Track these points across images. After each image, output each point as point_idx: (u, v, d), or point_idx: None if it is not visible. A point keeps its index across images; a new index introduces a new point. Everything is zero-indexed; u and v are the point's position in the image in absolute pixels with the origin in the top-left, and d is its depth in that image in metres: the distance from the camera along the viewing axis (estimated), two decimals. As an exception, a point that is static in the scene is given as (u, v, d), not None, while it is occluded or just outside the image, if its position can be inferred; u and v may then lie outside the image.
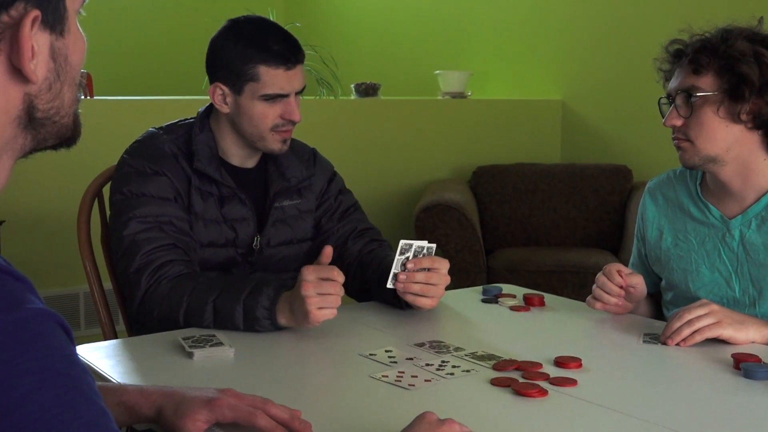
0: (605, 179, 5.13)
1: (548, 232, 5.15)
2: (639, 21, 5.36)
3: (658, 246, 2.39)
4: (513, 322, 2.22)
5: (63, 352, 0.92)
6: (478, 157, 5.56)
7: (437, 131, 5.49)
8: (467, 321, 2.25)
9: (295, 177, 2.47)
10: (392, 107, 5.41)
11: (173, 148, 2.35)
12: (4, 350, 0.88)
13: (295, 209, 2.48)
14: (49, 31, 1.03)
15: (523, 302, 2.38)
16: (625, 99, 5.45)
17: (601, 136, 5.64)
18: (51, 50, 1.03)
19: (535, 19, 5.92)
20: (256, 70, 2.30)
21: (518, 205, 5.17)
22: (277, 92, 2.31)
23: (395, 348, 1.92)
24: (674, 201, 2.38)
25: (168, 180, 2.30)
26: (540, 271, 4.61)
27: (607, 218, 5.09)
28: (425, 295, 2.16)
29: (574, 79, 5.78)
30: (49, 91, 1.04)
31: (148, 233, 2.23)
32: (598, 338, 2.12)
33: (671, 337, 1.97)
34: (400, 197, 5.36)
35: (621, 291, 2.20)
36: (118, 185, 2.32)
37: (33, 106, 1.03)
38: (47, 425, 0.88)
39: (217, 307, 2.07)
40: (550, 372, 1.76)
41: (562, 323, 2.22)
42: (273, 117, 2.33)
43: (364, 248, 2.47)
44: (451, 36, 6.41)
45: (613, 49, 5.52)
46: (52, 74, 1.04)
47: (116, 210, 2.31)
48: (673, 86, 2.23)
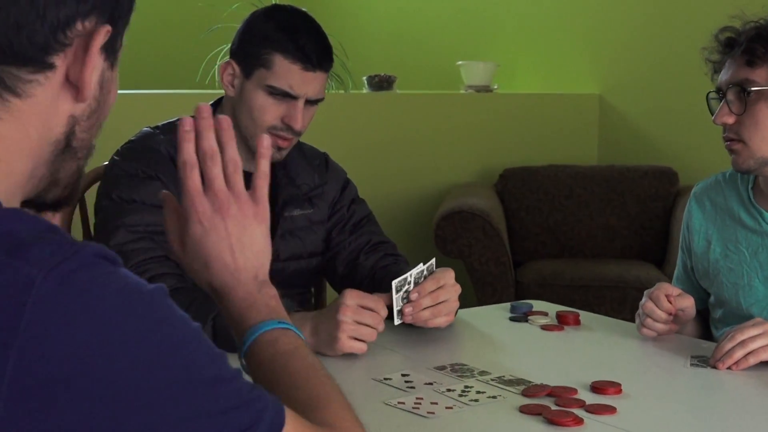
0: (648, 183, 5.13)
1: (584, 243, 5.14)
2: (686, 5, 5.36)
3: (706, 258, 2.39)
4: (544, 342, 2.23)
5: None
6: (505, 158, 5.56)
7: (459, 129, 5.50)
8: (493, 341, 2.25)
9: (306, 184, 2.49)
10: (409, 102, 5.42)
11: (170, 150, 2.35)
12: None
13: (305, 219, 2.49)
14: (105, 56, 1.10)
15: (555, 320, 2.38)
16: (670, 93, 5.44)
17: (644, 135, 5.63)
18: (102, 77, 1.11)
19: (569, 3, 5.93)
20: (271, 56, 2.31)
21: (550, 212, 5.17)
22: (284, 88, 2.32)
23: (413, 371, 1.93)
24: (723, 207, 2.38)
25: (162, 185, 2.30)
26: (575, 286, 4.61)
27: (650, 226, 5.08)
28: (438, 316, 2.17)
29: (613, 70, 5.78)
30: (88, 119, 1.11)
31: (138, 244, 2.24)
32: (640, 361, 2.12)
33: (722, 360, 1.97)
34: (418, 203, 5.37)
35: (669, 317, 2.19)
36: (107, 189, 2.33)
37: (74, 132, 1.10)
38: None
39: (218, 325, 2.07)
40: (586, 398, 1.77)
41: (599, 344, 2.22)
42: (273, 116, 2.34)
43: (377, 263, 2.48)
44: (476, 23, 6.41)
45: (656, 36, 5.51)
46: (95, 102, 1.11)
47: (103, 217, 2.32)
48: (723, 79, 2.23)
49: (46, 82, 1.05)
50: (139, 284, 1.00)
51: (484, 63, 5.79)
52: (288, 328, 1.35)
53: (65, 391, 0.91)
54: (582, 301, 4.47)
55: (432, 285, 2.16)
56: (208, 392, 1.00)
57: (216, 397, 1.00)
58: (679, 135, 5.41)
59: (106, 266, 0.98)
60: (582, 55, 5.91)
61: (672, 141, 5.46)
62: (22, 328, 0.91)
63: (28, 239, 0.95)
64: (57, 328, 0.92)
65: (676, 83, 5.38)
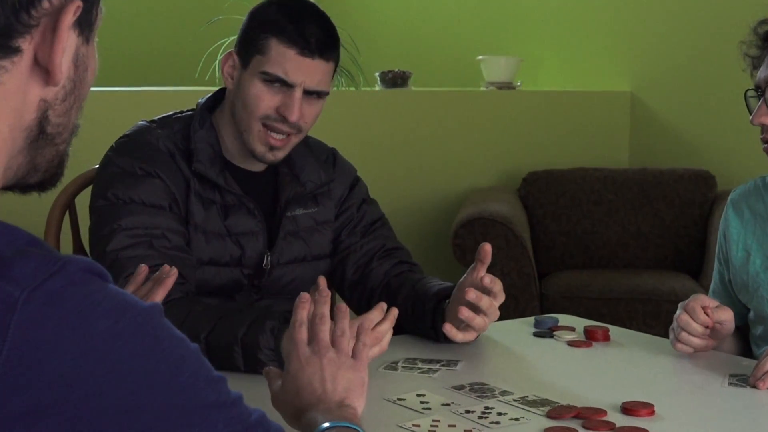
0: (683, 187, 5.12)
1: (614, 252, 5.14)
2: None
3: (745, 270, 2.38)
4: (571, 359, 2.23)
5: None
6: (529, 161, 5.56)
7: (480, 129, 5.50)
8: (516, 359, 2.25)
9: (312, 182, 2.48)
10: (425, 100, 5.43)
11: (169, 145, 2.36)
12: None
13: (310, 219, 2.49)
14: (78, 31, 1.07)
15: (583, 336, 2.38)
16: (707, 89, 5.44)
17: (679, 135, 5.63)
18: (75, 54, 1.07)
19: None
20: (267, 41, 2.31)
21: (578, 219, 5.17)
22: (279, 74, 2.30)
23: (429, 392, 1.93)
24: (763, 215, 2.38)
25: (162, 183, 2.31)
26: (604, 299, 4.61)
27: (686, 234, 5.08)
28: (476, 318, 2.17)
29: (646, 65, 5.78)
30: (63, 102, 1.08)
31: (136, 250, 2.24)
32: (675, 380, 2.12)
33: (762, 379, 1.97)
34: (435, 210, 5.37)
35: (706, 330, 2.19)
36: (102, 188, 2.33)
37: (46, 117, 1.07)
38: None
39: (211, 344, 2.07)
40: (616, 420, 1.77)
41: (630, 361, 2.22)
42: (267, 105, 2.32)
43: (391, 270, 2.49)
44: (497, 14, 6.42)
45: (692, 29, 5.51)
46: (70, 83, 1.08)
47: (98, 219, 2.32)
48: (762, 76, 2.23)
49: (12, 68, 1.02)
50: (132, 303, 0.99)
51: (507, 58, 5.80)
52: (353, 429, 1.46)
53: (52, 421, 0.90)
54: (612, 315, 4.47)
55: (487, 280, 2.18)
56: (208, 418, 1.00)
57: (215, 422, 1.00)
58: (717, 135, 5.40)
59: (95, 282, 0.96)
60: (612, 48, 5.91)
61: (709, 142, 5.45)
62: (5, 354, 0.89)
63: (8, 255, 0.93)
64: (43, 353, 0.90)
65: (713, 79, 5.37)
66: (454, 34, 6.63)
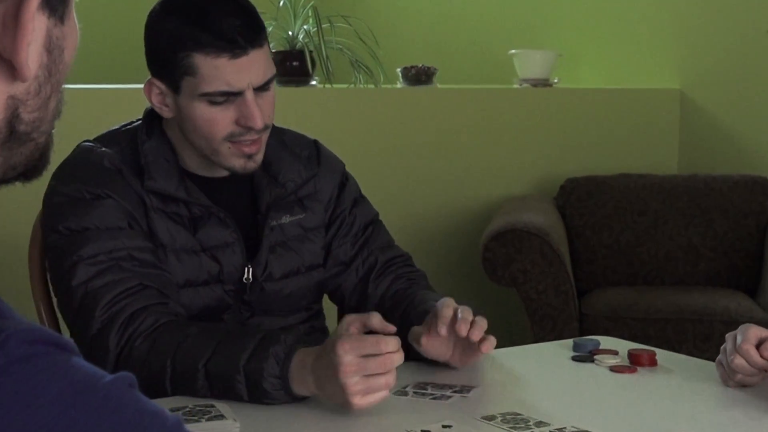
0: (738, 196, 5.12)
1: (662, 267, 5.13)
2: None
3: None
4: (614, 386, 2.23)
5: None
6: (567, 166, 5.56)
7: (512, 131, 5.51)
8: (553, 385, 2.25)
9: (292, 181, 2.45)
10: (452, 98, 5.44)
11: (115, 163, 2.32)
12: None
13: (298, 227, 2.47)
14: (48, 13, 1.00)
15: (627, 361, 2.38)
16: (765, 87, 5.43)
17: (733, 138, 5.62)
18: (47, 39, 1.01)
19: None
20: (190, 60, 2.23)
21: (621, 231, 5.17)
22: (221, 89, 2.24)
23: (456, 422, 1.93)
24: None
25: (115, 203, 2.27)
26: (650, 319, 4.60)
27: (741, 248, 5.07)
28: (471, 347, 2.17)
29: (697, 60, 5.77)
30: (37, 96, 1.02)
31: (104, 277, 2.21)
32: (729, 411, 2.11)
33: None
34: (462, 220, 5.37)
35: (763, 372, 2.16)
36: (52, 222, 2.31)
37: (17, 116, 1.01)
38: None
39: (211, 373, 2.07)
40: (663, 455, 1.77)
41: (679, 389, 2.22)
42: (225, 124, 2.26)
43: (387, 291, 2.50)
44: (532, 4, 6.43)
45: (748, 21, 5.50)
46: (44, 72, 1.02)
47: (55, 255, 2.30)
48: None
49: None
50: (92, 377, 0.90)
51: (543, 52, 5.81)
52: None
53: None
54: (659, 338, 4.46)
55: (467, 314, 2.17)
56: None
57: None
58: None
59: (45, 356, 0.88)
60: (659, 41, 5.91)
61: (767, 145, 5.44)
62: None
63: None
64: None
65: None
66: (484, 26, 6.65)
